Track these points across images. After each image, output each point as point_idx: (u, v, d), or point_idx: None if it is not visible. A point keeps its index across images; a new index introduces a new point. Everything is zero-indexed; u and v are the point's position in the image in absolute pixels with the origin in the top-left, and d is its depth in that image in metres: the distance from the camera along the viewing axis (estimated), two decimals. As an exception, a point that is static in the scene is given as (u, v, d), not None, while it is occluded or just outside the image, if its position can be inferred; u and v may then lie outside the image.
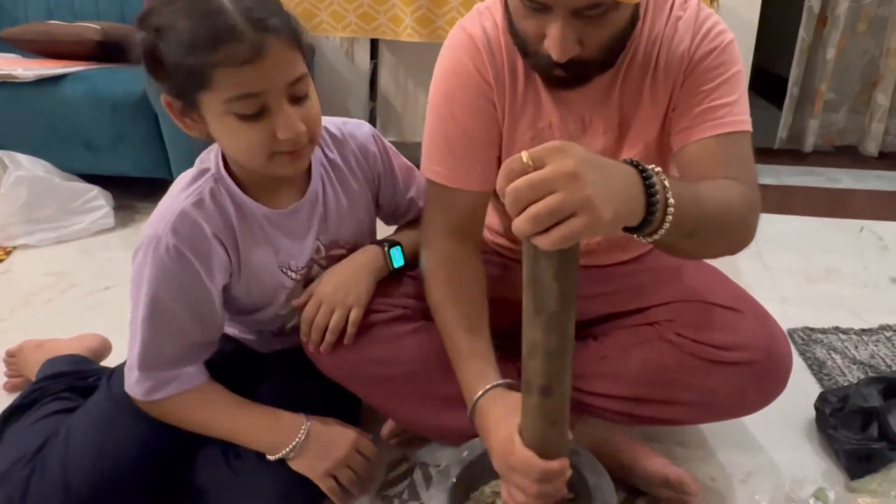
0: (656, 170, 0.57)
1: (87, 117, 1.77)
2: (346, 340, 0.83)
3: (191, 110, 0.72)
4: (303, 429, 0.82)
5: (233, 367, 0.91)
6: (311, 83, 0.74)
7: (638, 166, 0.56)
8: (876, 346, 1.25)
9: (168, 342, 0.79)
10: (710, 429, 1.03)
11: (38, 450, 0.81)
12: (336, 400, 0.90)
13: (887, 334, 1.28)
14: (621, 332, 0.92)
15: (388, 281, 0.89)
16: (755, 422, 1.02)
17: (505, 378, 0.77)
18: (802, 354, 1.22)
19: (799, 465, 0.97)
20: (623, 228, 0.57)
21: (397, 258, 0.89)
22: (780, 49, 2.86)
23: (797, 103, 2.55)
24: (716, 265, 0.96)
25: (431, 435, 0.95)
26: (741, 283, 0.92)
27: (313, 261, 0.87)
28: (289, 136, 0.70)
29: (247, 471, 0.82)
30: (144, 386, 0.79)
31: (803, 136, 2.57)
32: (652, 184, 0.55)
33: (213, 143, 0.80)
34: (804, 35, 2.43)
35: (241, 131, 0.70)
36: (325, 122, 0.85)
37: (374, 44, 2.20)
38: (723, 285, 0.92)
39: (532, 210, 0.48)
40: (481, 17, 0.82)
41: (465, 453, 0.80)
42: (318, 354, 0.84)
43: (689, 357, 0.84)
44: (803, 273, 1.58)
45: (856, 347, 1.24)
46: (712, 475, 0.95)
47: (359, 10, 1.57)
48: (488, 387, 0.75)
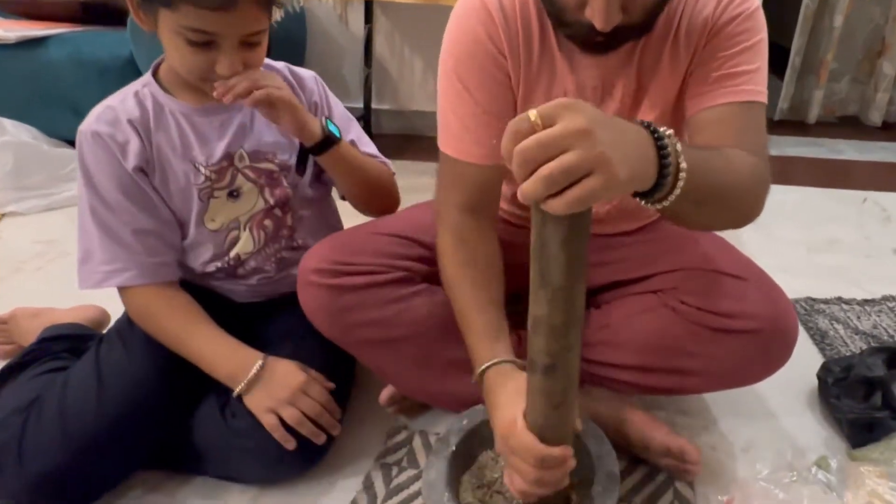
0: (668, 132, 0.54)
1: (72, 81, 1.72)
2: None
3: (148, 12, 0.78)
4: (257, 365, 0.83)
5: (230, 330, 0.89)
6: (266, 34, 0.81)
7: (650, 127, 0.54)
8: (878, 316, 1.24)
9: (115, 223, 0.83)
10: (712, 398, 1.02)
11: (35, 399, 0.81)
12: (329, 360, 0.89)
13: (890, 304, 1.27)
14: (625, 300, 0.91)
15: (389, 242, 0.86)
16: (757, 391, 1.02)
17: (518, 357, 0.74)
18: (805, 325, 1.21)
19: (800, 434, 0.96)
20: (633, 195, 0.55)
21: (333, 129, 0.88)
22: (781, 18, 2.80)
23: (799, 73, 2.51)
24: (718, 233, 0.94)
25: (432, 401, 0.94)
26: (744, 252, 0.90)
27: (237, 169, 0.88)
28: (225, 73, 0.77)
29: (243, 430, 0.82)
30: (101, 270, 0.83)
31: (806, 106, 2.53)
32: (664, 145, 0.53)
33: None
34: (809, 2, 2.38)
35: (186, 53, 0.77)
36: (268, 61, 0.91)
37: (369, 7, 2.13)
38: (728, 253, 0.90)
39: (544, 170, 0.45)
40: None
41: (465, 421, 0.79)
42: (314, 311, 0.83)
43: (694, 325, 0.83)
44: (806, 244, 1.57)
45: (858, 318, 1.23)
46: (713, 444, 0.94)
47: (354, -32, 1.50)
48: (498, 360, 0.73)
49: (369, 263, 0.83)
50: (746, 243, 1.53)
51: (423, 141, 1.99)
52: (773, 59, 2.75)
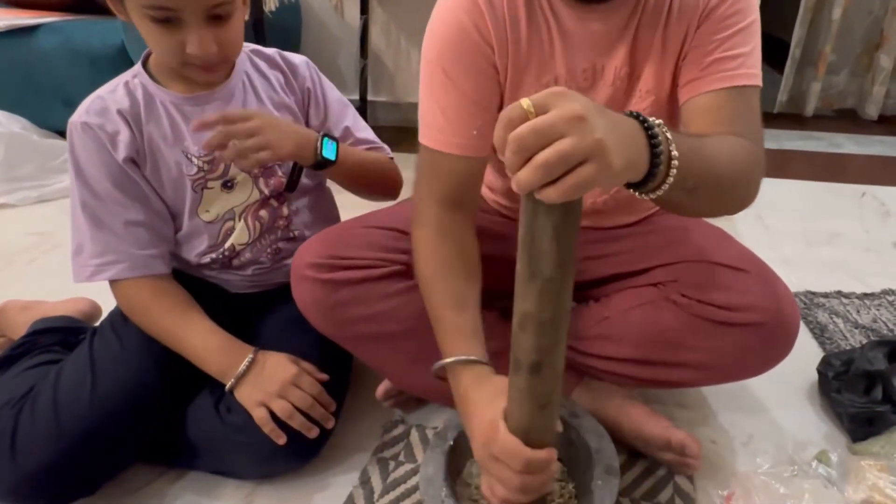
0: (658, 122, 0.53)
1: (63, 71, 1.70)
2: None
3: (116, 1, 0.77)
4: (247, 359, 0.82)
5: (219, 316, 0.88)
6: (239, 8, 0.78)
7: (639, 117, 0.53)
8: (878, 310, 1.23)
9: (106, 215, 0.82)
10: (712, 391, 1.01)
11: (28, 392, 0.80)
12: (324, 352, 0.88)
13: (889, 298, 1.27)
14: (625, 293, 0.90)
15: (384, 235, 0.85)
16: (757, 385, 1.01)
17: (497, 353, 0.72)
18: (804, 318, 1.20)
19: (801, 427, 0.96)
20: (627, 186, 0.54)
21: (328, 150, 0.86)
22: (781, 10, 2.79)
23: (798, 66, 2.50)
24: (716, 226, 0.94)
25: (428, 396, 0.93)
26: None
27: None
28: (195, 53, 0.75)
29: (238, 425, 0.81)
30: (92, 264, 0.82)
31: (804, 99, 2.53)
32: (655, 134, 0.52)
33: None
34: (809, -7, 2.37)
35: (154, 34, 0.75)
36: (260, 47, 0.91)
37: (365, -2, 2.11)
38: (729, 245, 0.89)
39: (540, 157, 0.44)
40: None
41: (463, 416, 0.78)
42: (308, 306, 0.81)
43: (694, 318, 0.81)
44: (805, 237, 1.56)
45: (858, 311, 1.23)
46: (714, 438, 0.94)
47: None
48: (474, 358, 0.70)
49: (364, 257, 0.81)
50: (745, 236, 1.52)
51: (420, 133, 1.98)
52: (772, 52, 2.75)
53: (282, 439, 0.80)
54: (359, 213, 0.92)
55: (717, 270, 0.83)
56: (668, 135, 0.53)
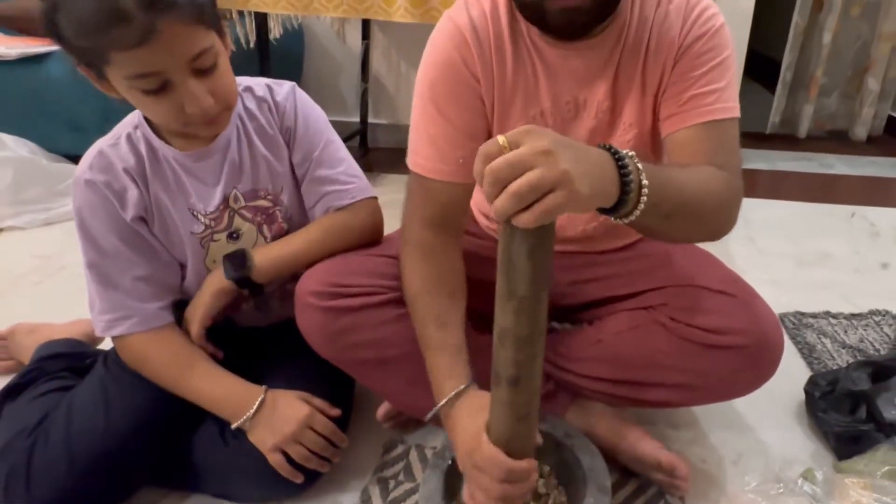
0: (629, 153, 0.58)
1: (72, 97, 1.74)
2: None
3: (103, 80, 0.73)
4: (258, 400, 0.82)
5: (227, 344, 0.91)
6: (222, 53, 0.76)
7: (610, 149, 0.58)
8: (865, 330, 1.26)
9: (114, 272, 0.82)
10: (702, 411, 1.04)
11: (40, 422, 0.82)
12: (330, 380, 0.90)
13: (876, 319, 1.30)
14: (616, 316, 0.93)
15: (384, 263, 0.87)
16: (746, 404, 1.04)
17: (479, 372, 0.75)
18: (793, 338, 1.23)
19: (789, 446, 0.98)
20: (601, 211, 0.58)
21: (227, 270, 0.84)
22: (773, 32, 2.86)
23: (790, 88, 2.56)
24: (707, 248, 0.97)
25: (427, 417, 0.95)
26: (733, 267, 0.92)
27: (233, 210, 0.87)
28: (195, 111, 0.73)
29: (243, 450, 0.82)
30: (104, 319, 0.83)
31: (796, 121, 2.58)
32: (625, 165, 0.57)
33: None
34: (798, 19, 2.43)
35: (149, 104, 0.73)
36: (251, 81, 0.89)
37: (366, 24, 2.17)
38: (715, 270, 0.92)
39: (513, 187, 0.49)
40: (468, 6, 0.80)
41: (460, 436, 0.81)
42: (311, 332, 0.84)
43: (683, 341, 0.84)
44: (795, 257, 1.59)
45: (845, 332, 1.25)
46: (703, 457, 0.96)
47: (351, -11, 1.54)
48: (459, 388, 0.74)
49: (365, 285, 0.84)
50: (736, 257, 1.56)
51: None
52: (766, 72, 2.79)
53: (299, 478, 0.81)
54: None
55: (704, 295, 0.86)
56: (639, 165, 0.58)
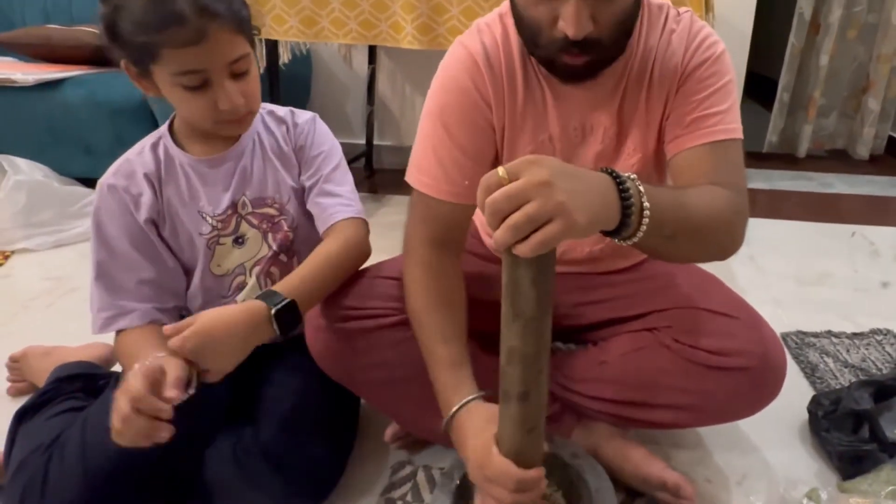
0: (631, 176, 0.60)
1: (86, 122, 1.77)
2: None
3: (145, 76, 0.82)
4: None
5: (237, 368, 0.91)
6: (254, 62, 0.85)
7: (612, 173, 0.59)
8: (867, 349, 1.27)
9: (120, 273, 0.87)
10: (706, 431, 1.05)
11: (55, 439, 0.83)
12: (335, 399, 0.91)
13: (878, 338, 1.31)
14: (621, 337, 0.94)
15: (393, 285, 0.89)
16: (750, 424, 1.04)
17: (482, 387, 0.77)
18: (796, 358, 1.24)
19: (793, 466, 0.99)
20: (604, 233, 0.60)
21: (284, 327, 0.80)
22: (771, 53, 2.90)
23: (789, 109, 2.59)
24: (709, 268, 0.99)
25: (435, 437, 0.96)
26: (735, 286, 0.94)
27: (241, 216, 0.92)
28: (227, 108, 0.82)
29: (254, 469, 0.84)
30: (102, 317, 0.86)
31: (795, 140, 2.61)
32: (626, 188, 0.58)
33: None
34: (794, 41, 2.47)
35: (187, 100, 0.81)
36: (274, 106, 0.97)
37: (372, 49, 2.21)
38: (719, 292, 0.94)
39: (510, 220, 0.51)
40: (481, 34, 0.83)
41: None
42: (322, 354, 0.85)
43: (687, 362, 0.86)
44: (796, 277, 1.61)
45: (847, 351, 1.27)
46: (708, 477, 0.97)
47: (360, 17, 1.58)
48: (465, 400, 0.75)
49: (374, 307, 0.86)
50: (737, 276, 1.58)
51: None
52: (764, 93, 2.82)
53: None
54: (370, 260, 0.96)
55: (707, 316, 0.88)
56: (641, 188, 0.59)
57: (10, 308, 1.45)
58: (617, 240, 0.61)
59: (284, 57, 1.77)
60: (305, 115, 0.98)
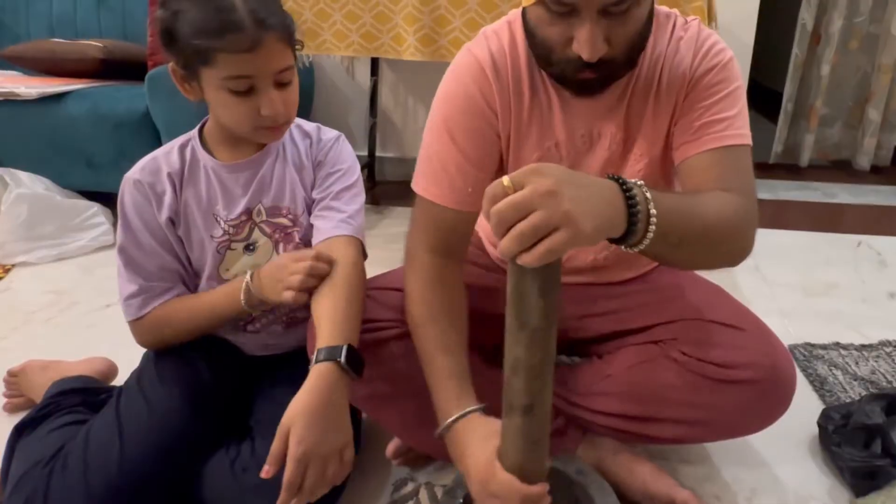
0: (638, 183, 0.59)
1: (89, 135, 1.77)
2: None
3: (192, 79, 0.85)
4: (247, 277, 0.88)
5: (237, 376, 0.92)
6: (296, 74, 0.88)
7: (618, 180, 0.58)
8: (876, 361, 1.25)
9: (143, 259, 0.91)
10: (714, 446, 1.03)
11: (57, 453, 0.83)
12: None
13: (887, 350, 1.29)
14: (626, 350, 0.93)
15: (396, 296, 0.88)
16: (759, 439, 1.02)
17: (483, 401, 0.75)
18: (804, 371, 1.22)
19: (803, 482, 0.97)
20: (610, 240, 0.59)
21: (356, 365, 0.79)
22: (774, 64, 2.91)
23: (791, 119, 2.59)
24: (713, 278, 0.97)
25: (437, 453, 0.95)
26: (740, 297, 0.93)
27: (254, 223, 0.93)
28: (270, 114, 0.84)
29: (253, 484, 0.82)
30: (136, 302, 0.91)
31: (798, 150, 2.60)
32: (632, 195, 0.57)
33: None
34: (797, 52, 2.47)
35: (232, 104, 0.84)
36: (303, 121, 0.99)
37: (375, 61, 2.22)
38: (725, 303, 0.92)
39: (516, 229, 0.50)
40: (488, 41, 0.83)
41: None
42: None
43: (694, 375, 0.84)
44: (802, 288, 1.59)
45: (856, 363, 1.25)
46: (717, 493, 0.95)
47: (361, 29, 1.58)
48: (465, 411, 0.74)
49: (378, 319, 0.85)
50: (743, 287, 1.56)
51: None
52: (767, 103, 2.83)
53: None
54: (371, 272, 0.95)
55: (714, 329, 0.86)
56: (648, 194, 0.59)
57: (11, 322, 1.44)
58: (624, 247, 0.60)
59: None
60: (331, 132, 1.00)
